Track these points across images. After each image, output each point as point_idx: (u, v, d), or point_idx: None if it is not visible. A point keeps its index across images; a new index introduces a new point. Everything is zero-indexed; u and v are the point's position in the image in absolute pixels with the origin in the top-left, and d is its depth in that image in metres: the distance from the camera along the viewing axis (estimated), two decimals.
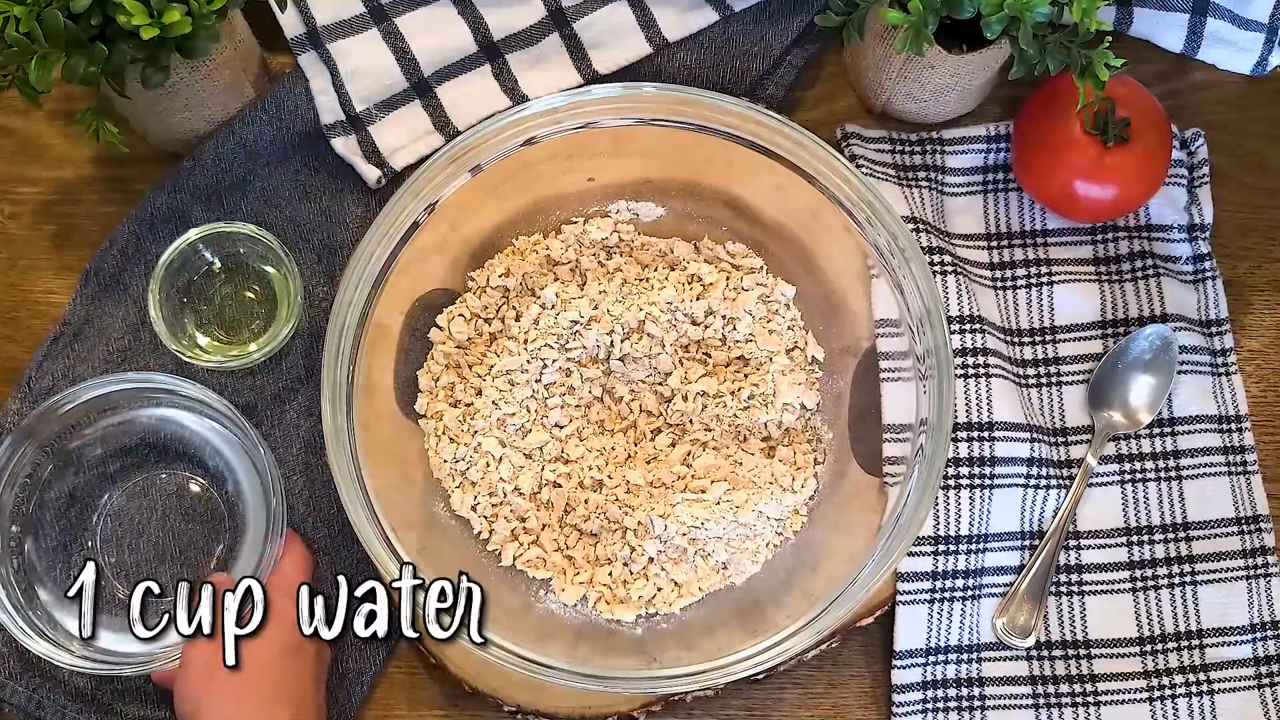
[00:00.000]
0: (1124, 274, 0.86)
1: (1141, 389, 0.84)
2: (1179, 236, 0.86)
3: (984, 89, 0.86)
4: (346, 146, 0.85)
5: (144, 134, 0.85)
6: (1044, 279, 0.86)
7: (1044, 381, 0.85)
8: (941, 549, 0.81)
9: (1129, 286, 0.86)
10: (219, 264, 0.84)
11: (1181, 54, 0.90)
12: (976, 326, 0.83)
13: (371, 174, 0.85)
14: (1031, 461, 0.82)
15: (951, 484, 0.81)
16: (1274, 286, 0.88)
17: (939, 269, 0.83)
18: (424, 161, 0.80)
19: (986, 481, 0.81)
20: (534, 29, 0.87)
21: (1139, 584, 0.82)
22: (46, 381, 0.82)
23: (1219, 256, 0.87)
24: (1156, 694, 0.81)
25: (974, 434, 0.81)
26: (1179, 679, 0.81)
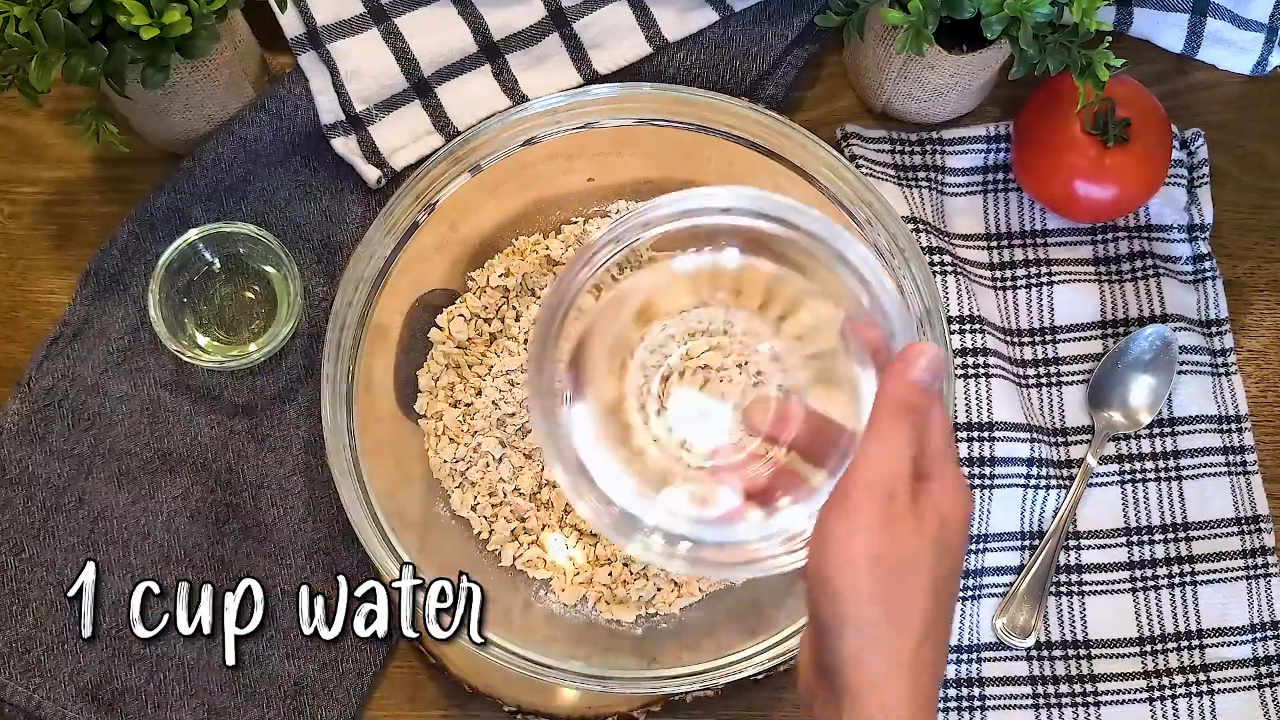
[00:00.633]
0: (1124, 274, 0.86)
1: (1141, 389, 0.84)
2: (1179, 236, 0.86)
3: (984, 89, 0.86)
4: (346, 146, 0.85)
5: (144, 134, 0.85)
6: (1044, 279, 0.86)
7: (1044, 381, 0.85)
8: None
9: (1129, 286, 0.86)
10: (219, 264, 0.84)
11: (1181, 54, 0.90)
12: (976, 326, 0.82)
13: (371, 174, 0.85)
14: (1031, 461, 0.82)
15: None
16: (1274, 286, 0.88)
17: (939, 269, 0.83)
18: (424, 161, 0.80)
19: (986, 482, 0.81)
20: (534, 29, 0.86)
21: (1139, 584, 0.82)
22: (46, 381, 0.82)
23: (1219, 256, 0.87)
24: (1156, 694, 0.81)
25: (974, 434, 0.81)
26: (1179, 679, 0.81)
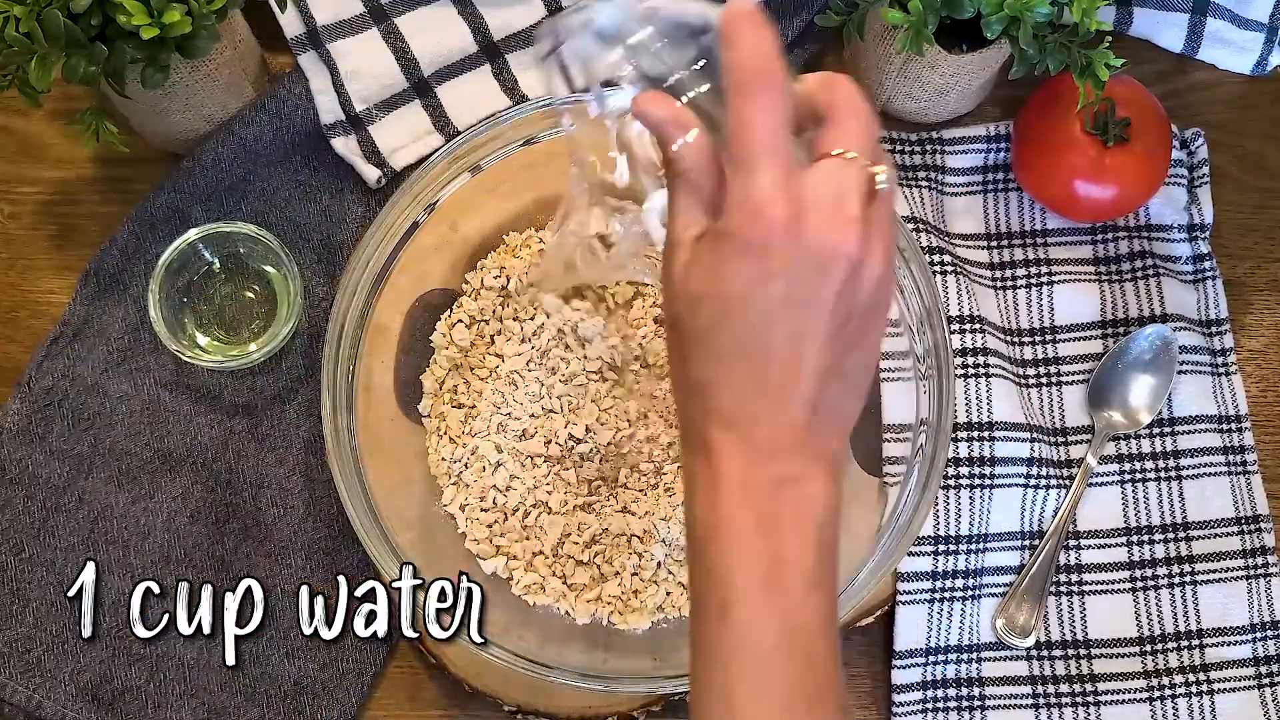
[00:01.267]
0: (1124, 274, 0.86)
1: (1141, 389, 0.84)
2: (1179, 236, 0.86)
3: (984, 89, 0.86)
4: (346, 146, 0.85)
5: (144, 134, 0.85)
6: (1044, 279, 0.86)
7: (1044, 381, 0.85)
8: (941, 549, 0.81)
9: (1129, 286, 0.86)
10: (219, 264, 0.84)
11: (1181, 54, 0.90)
12: (976, 326, 0.82)
13: (371, 174, 0.85)
14: (1031, 461, 0.82)
15: (951, 484, 0.81)
16: (1274, 286, 0.88)
17: (939, 269, 0.83)
18: (424, 161, 0.80)
19: (986, 481, 0.81)
20: (534, 29, 0.86)
21: (1139, 584, 0.82)
22: (46, 381, 0.82)
23: (1219, 256, 0.87)
24: (1156, 694, 0.81)
25: (974, 434, 0.81)
26: (1179, 679, 0.81)
